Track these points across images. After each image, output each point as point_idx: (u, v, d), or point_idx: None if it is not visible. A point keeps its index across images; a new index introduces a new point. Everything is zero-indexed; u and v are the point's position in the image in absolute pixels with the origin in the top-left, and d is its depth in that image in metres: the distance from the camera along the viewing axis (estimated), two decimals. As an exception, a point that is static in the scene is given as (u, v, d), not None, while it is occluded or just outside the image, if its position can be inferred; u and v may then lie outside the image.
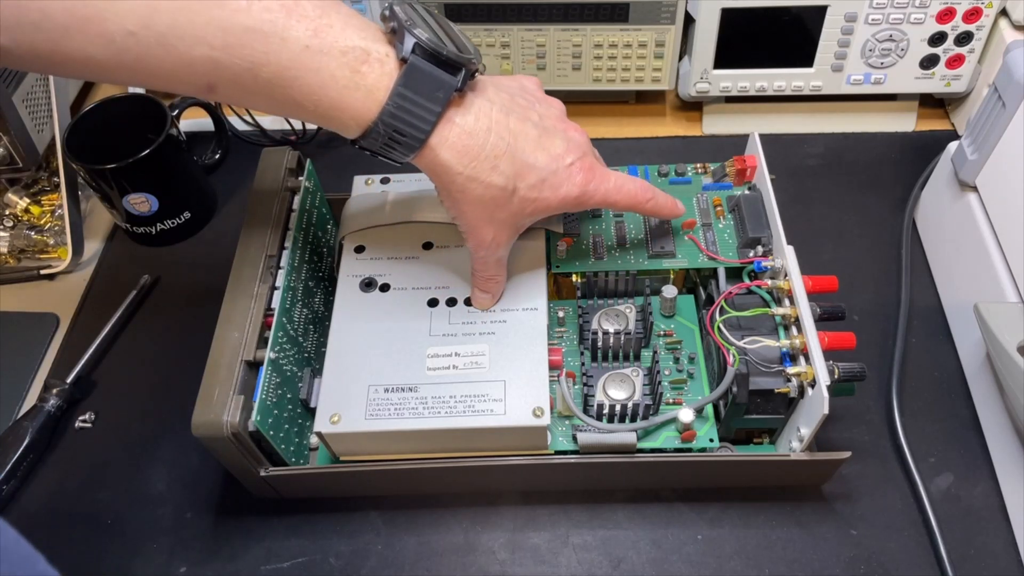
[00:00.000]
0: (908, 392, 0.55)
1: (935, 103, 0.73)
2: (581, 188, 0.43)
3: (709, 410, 0.48)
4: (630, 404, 0.46)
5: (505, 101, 0.41)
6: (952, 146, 0.58)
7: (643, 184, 0.47)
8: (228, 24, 0.34)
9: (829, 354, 0.44)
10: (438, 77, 0.37)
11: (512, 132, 0.40)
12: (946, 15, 0.63)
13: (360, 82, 0.36)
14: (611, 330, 0.50)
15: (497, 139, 0.40)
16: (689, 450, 0.48)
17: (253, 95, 0.37)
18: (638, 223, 0.53)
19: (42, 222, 0.67)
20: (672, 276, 0.53)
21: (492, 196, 0.41)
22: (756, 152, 0.53)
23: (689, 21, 0.65)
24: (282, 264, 0.50)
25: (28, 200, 0.67)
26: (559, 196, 0.42)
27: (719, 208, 0.53)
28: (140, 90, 0.66)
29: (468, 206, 0.42)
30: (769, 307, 0.47)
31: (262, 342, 0.46)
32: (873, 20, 0.63)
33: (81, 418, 0.56)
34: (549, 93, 0.48)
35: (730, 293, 0.48)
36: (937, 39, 0.64)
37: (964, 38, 0.64)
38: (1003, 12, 0.63)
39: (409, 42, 0.37)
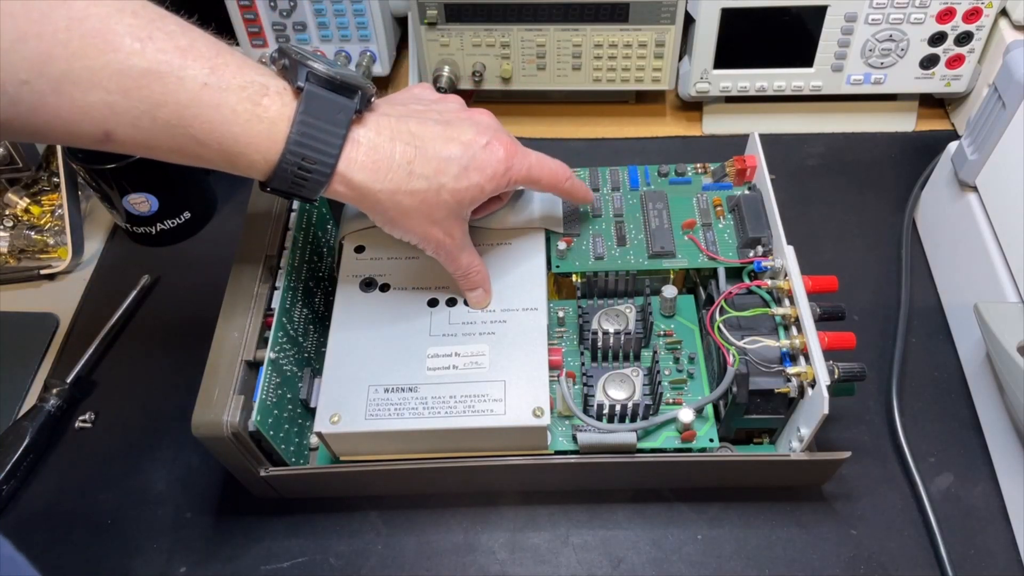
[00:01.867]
0: (908, 392, 0.55)
1: (935, 103, 0.73)
2: (506, 163, 0.43)
3: (709, 410, 0.48)
4: (630, 404, 0.46)
5: (400, 112, 0.42)
6: (952, 146, 0.58)
7: (561, 164, 0.47)
8: (123, 67, 0.33)
9: (829, 354, 0.44)
10: (336, 101, 0.38)
11: (416, 135, 0.41)
12: (946, 15, 0.63)
13: (262, 115, 0.36)
14: (611, 330, 0.50)
15: (404, 147, 0.40)
16: (689, 450, 0.48)
17: (152, 139, 0.36)
18: (638, 223, 0.53)
19: (42, 222, 0.67)
20: (672, 276, 0.53)
21: (421, 201, 0.41)
22: (756, 152, 0.53)
23: (689, 21, 0.65)
24: (282, 264, 0.50)
25: (28, 200, 0.67)
26: (487, 176, 0.43)
27: (719, 208, 0.53)
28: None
29: (404, 219, 0.42)
30: (769, 307, 0.47)
31: (262, 342, 0.46)
32: (873, 20, 0.63)
33: (81, 418, 0.56)
34: (549, 93, 0.48)
35: (730, 293, 0.48)
36: (937, 39, 0.64)
37: (964, 38, 0.64)
38: (1003, 12, 0.63)
39: (303, 72, 0.37)
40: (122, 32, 0.33)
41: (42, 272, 0.65)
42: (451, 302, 0.49)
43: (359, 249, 0.52)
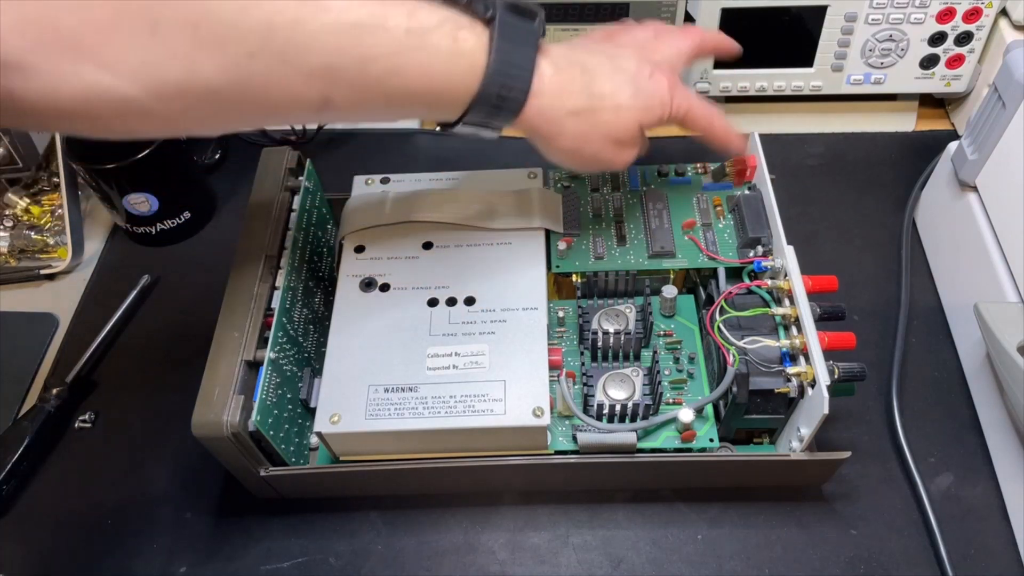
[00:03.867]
0: (908, 392, 0.55)
1: (935, 103, 0.73)
2: (670, 93, 0.44)
3: (709, 410, 0.48)
4: (630, 404, 0.46)
5: (569, 44, 0.44)
6: (952, 146, 0.58)
7: (716, 108, 0.48)
8: (336, 26, 0.34)
9: (829, 354, 0.44)
10: (524, 26, 0.39)
11: (586, 64, 0.42)
12: (946, 15, 0.63)
13: (462, 48, 0.37)
14: (611, 330, 0.50)
15: (581, 71, 0.42)
16: (689, 450, 0.48)
17: (366, 99, 0.37)
18: (638, 223, 0.53)
19: (42, 222, 0.67)
20: (672, 276, 0.53)
21: (603, 123, 0.42)
22: (756, 152, 0.53)
23: (689, 21, 0.65)
24: (282, 264, 0.50)
25: (28, 200, 0.67)
26: (656, 102, 0.44)
27: (719, 208, 0.53)
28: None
29: (589, 145, 0.43)
30: (769, 307, 0.47)
31: (262, 342, 0.46)
32: (873, 20, 0.63)
33: (81, 418, 0.56)
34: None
35: (730, 293, 0.48)
36: (937, 39, 0.64)
37: (964, 38, 0.64)
38: (1003, 12, 0.63)
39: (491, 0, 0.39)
40: None
41: (42, 272, 0.65)
42: (451, 302, 0.49)
43: (359, 249, 0.52)
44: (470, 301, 0.49)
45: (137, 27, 0.30)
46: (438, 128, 0.41)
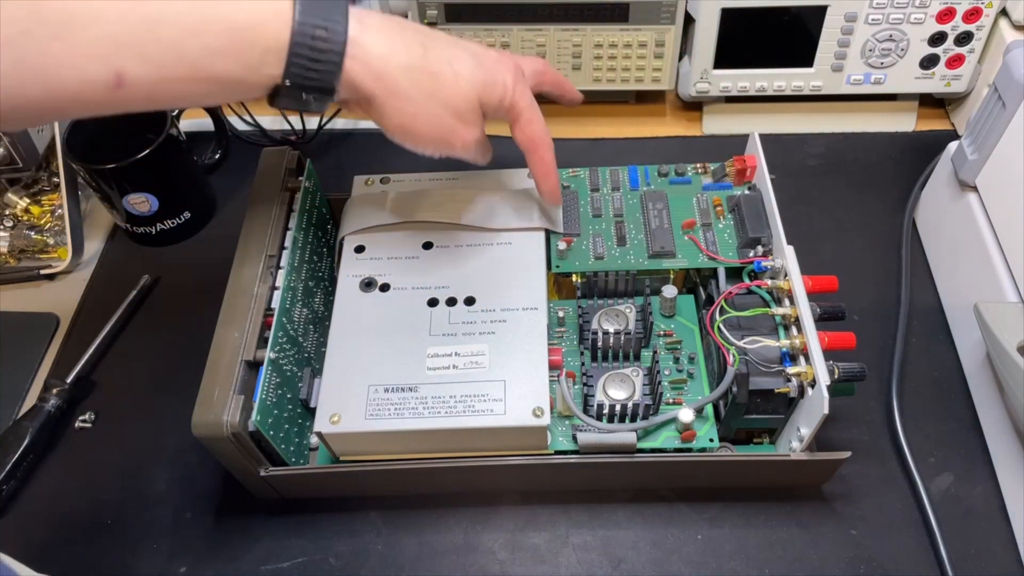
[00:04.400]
0: (908, 392, 0.55)
1: (935, 103, 0.73)
2: (513, 75, 0.43)
3: (709, 410, 0.48)
4: (630, 404, 0.46)
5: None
6: (952, 146, 0.58)
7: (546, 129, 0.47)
8: None
9: (829, 354, 0.44)
10: None
11: (424, 30, 0.40)
12: (946, 15, 0.63)
13: None
14: (611, 330, 0.50)
15: (414, 31, 0.40)
16: (689, 450, 0.48)
17: (164, 69, 0.34)
18: (638, 223, 0.53)
19: (42, 222, 0.67)
20: (672, 276, 0.53)
21: (441, 85, 0.40)
22: (756, 152, 0.53)
23: (689, 21, 0.65)
24: (282, 264, 0.50)
25: (28, 200, 0.67)
26: (497, 79, 0.42)
27: (719, 208, 0.53)
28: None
29: (424, 110, 0.40)
30: (769, 307, 0.47)
31: (262, 342, 0.46)
32: (873, 20, 0.63)
33: (81, 418, 0.56)
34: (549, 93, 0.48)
35: (730, 293, 0.48)
36: (937, 39, 0.64)
37: (964, 38, 0.64)
38: (1003, 12, 0.63)
39: None
40: None
41: (42, 272, 0.65)
42: (451, 302, 0.49)
43: (359, 249, 0.52)
44: (470, 301, 0.49)
45: None
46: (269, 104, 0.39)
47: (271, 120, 0.73)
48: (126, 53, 0.33)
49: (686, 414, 0.46)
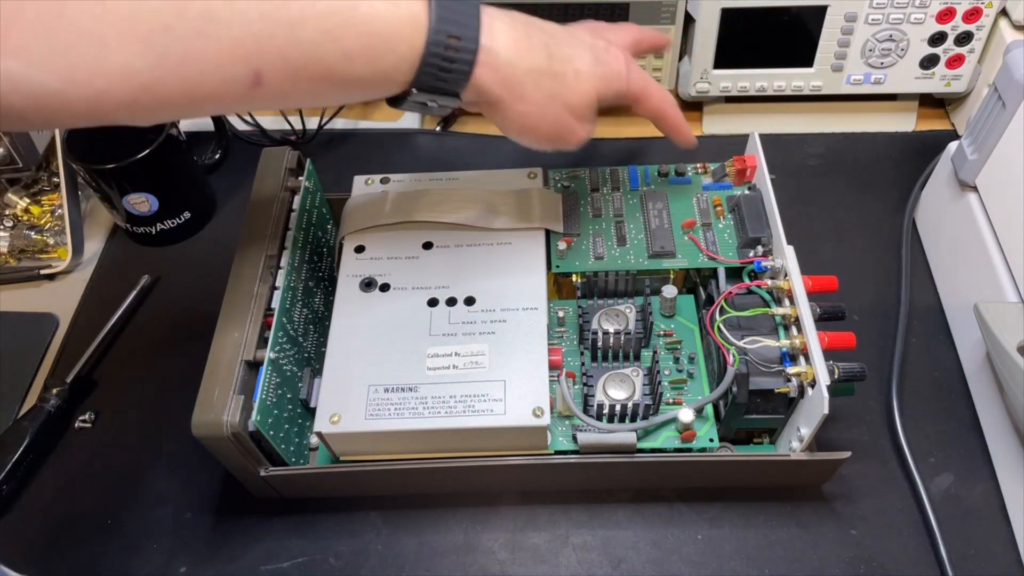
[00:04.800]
0: (908, 392, 0.55)
1: (935, 103, 0.73)
2: (626, 66, 0.43)
3: (709, 410, 0.48)
4: (630, 404, 0.46)
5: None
6: (952, 146, 0.58)
7: (669, 93, 0.47)
8: None
9: (829, 354, 0.44)
10: None
11: (543, 28, 0.40)
12: (946, 15, 0.63)
13: (398, 1, 0.35)
14: (611, 330, 0.50)
15: (537, 30, 0.40)
16: (689, 450, 0.48)
17: (302, 70, 0.35)
18: (638, 223, 0.53)
19: (42, 222, 0.67)
20: (672, 276, 0.53)
21: (563, 86, 0.41)
22: (756, 152, 0.53)
23: (689, 21, 0.65)
24: (282, 264, 0.50)
25: (28, 200, 0.67)
26: (613, 73, 0.43)
27: (719, 208, 0.53)
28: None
29: (545, 109, 0.41)
30: (769, 307, 0.47)
31: (262, 342, 0.46)
32: (873, 20, 0.63)
33: (81, 418, 0.56)
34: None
35: (730, 293, 0.48)
36: (937, 39, 0.64)
37: (964, 38, 0.64)
38: (1003, 12, 0.63)
39: None
40: None
41: (42, 272, 0.65)
42: (451, 302, 0.49)
43: (359, 249, 0.52)
44: (470, 301, 0.49)
45: (43, 10, 0.29)
46: (387, 104, 0.39)
47: (271, 120, 0.73)
48: (267, 53, 0.33)
49: (686, 414, 0.46)
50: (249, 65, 0.33)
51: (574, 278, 0.52)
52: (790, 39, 0.65)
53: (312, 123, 0.71)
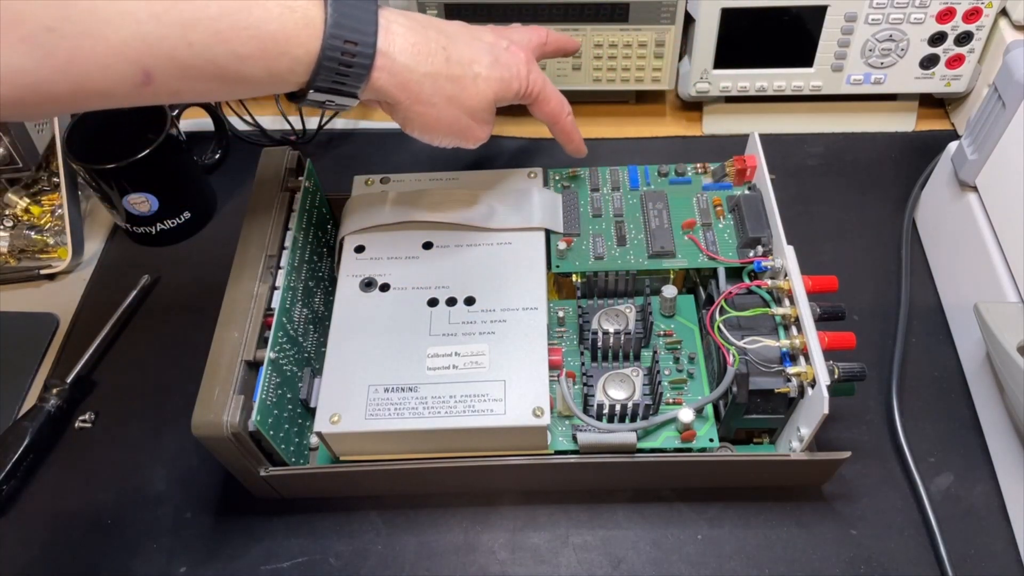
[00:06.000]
0: (908, 392, 0.55)
1: (935, 103, 0.73)
2: (527, 66, 0.44)
3: (709, 410, 0.48)
4: (630, 404, 0.46)
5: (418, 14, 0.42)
6: (952, 146, 0.58)
7: (564, 98, 0.48)
8: None
9: (829, 354, 0.44)
10: None
11: (442, 29, 0.41)
12: (946, 15, 0.63)
13: (293, 4, 0.36)
14: (611, 330, 0.50)
15: (436, 34, 0.40)
16: (689, 450, 0.48)
17: (193, 70, 0.35)
18: (638, 223, 0.53)
19: (42, 222, 0.67)
20: (672, 276, 0.53)
21: (461, 88, 0.41)
22: (756, 152, 0.53)
23: (689, 21, 0.65)
24: (282, 264, 0.50)
25: (28, 200, 0.67)
26: (512, 74, 0.43)
27: (719, 208, 0.53)
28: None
29: (443, 112, 0.41)
30: (769, 307, 0.47)
31: (262, 342, 0.46)
32: (873, 20, 0.63)
33: (81, 418, 0.56)
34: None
35: (730, 293, 0.48)
36: (937, 39, 0.64)
37: (964, 38, 0.64)
38: (1003, 12, 0.63)
39: None
40: None
41: (42, 272, 0.65)
42: (451, 302, 0.49)
43: (359, 249, 0.52)
44: (470, 301, 0.49)
45: None
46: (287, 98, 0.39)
47: (271, 120, 0.73)
48: (156, 54, 0.34)
49: (686, 414, 0.46)
50: (138, 64, 0.33)
51: (574, 278, 0.52)
52: (790, 39, 0.65)
53: (312, 123, 0.72)
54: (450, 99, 0.41)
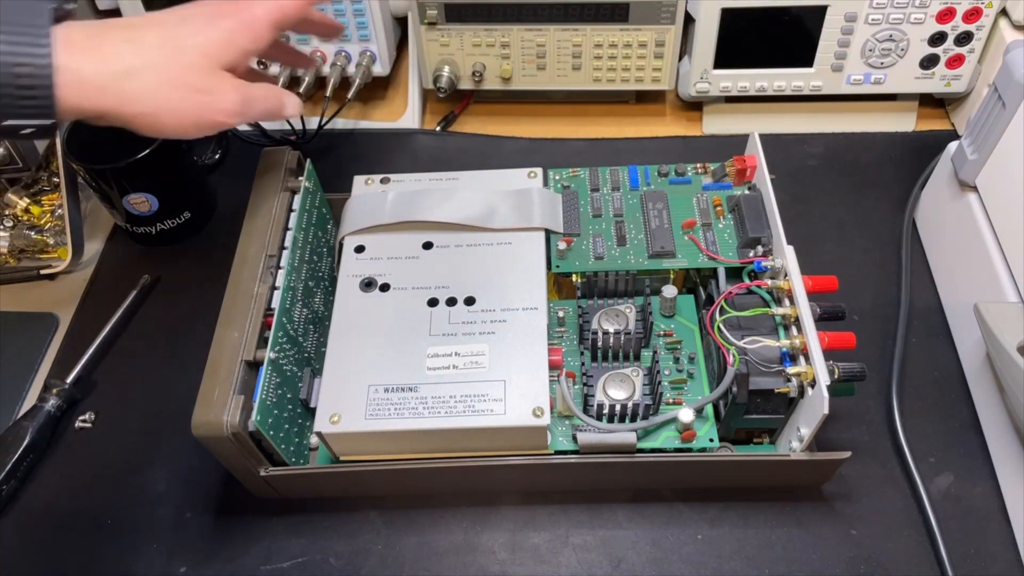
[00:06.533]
0: (908, 392, 0.55)
1: (935, 103, 0.73)
2: (251, 8, 0.41)
3: (709, 410, 0.48)
4: (630, 404, 0.46)
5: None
6: (952, 146, 0.58)
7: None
8: None
9: (829, 354, 0.44)
10: (26, 3, 0.36)
11: (129, 22, 0.40)
12: (946, 15, 0.63)
13: None
14: (611, 330, 0.50)
15: (121, 30, 0.39)
16: (689, 450, 0.48)
17: None
18: (638, 223, 0.53)
19: (42, 222, 0.67)
20: (672, 276, 0.53)
21: (172, 74, 0.39)
22: (756, 152, 0.53)
23: (689, 21, 0.65)
24: (282, 264, 0.50)
25: (28, 200, 0.67)
26: (237, 23, 0.41)
27: (719, 208, 0.53)
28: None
29: (166, 104, 0.39)
30: (769, 307, 0.47)
31: (262, 342, 0.46)
32: (873, 20, 0.63)
33: (81, 418, 0.56)
34: (549, 93, 0.48)
35: (730, 293, 0.48)
36: (937, 39, 0.64)
37: (964, 38, 0.64)
38: (1003, 12, 0.63)
39: None
40: None
41: (42, 272, 0.65)
42: (451, 302, 0.49)
43: (359, 249, 0.52)
44: (470, 301, 0.49)
45: None
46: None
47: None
48: None
49: (686, 414, 0.46)
50: None
51: (574, 278, 0.52)
52: (790, 39, 0.65)
53: (312, 123, 0.71)
54: (158, 86, 0.39)
